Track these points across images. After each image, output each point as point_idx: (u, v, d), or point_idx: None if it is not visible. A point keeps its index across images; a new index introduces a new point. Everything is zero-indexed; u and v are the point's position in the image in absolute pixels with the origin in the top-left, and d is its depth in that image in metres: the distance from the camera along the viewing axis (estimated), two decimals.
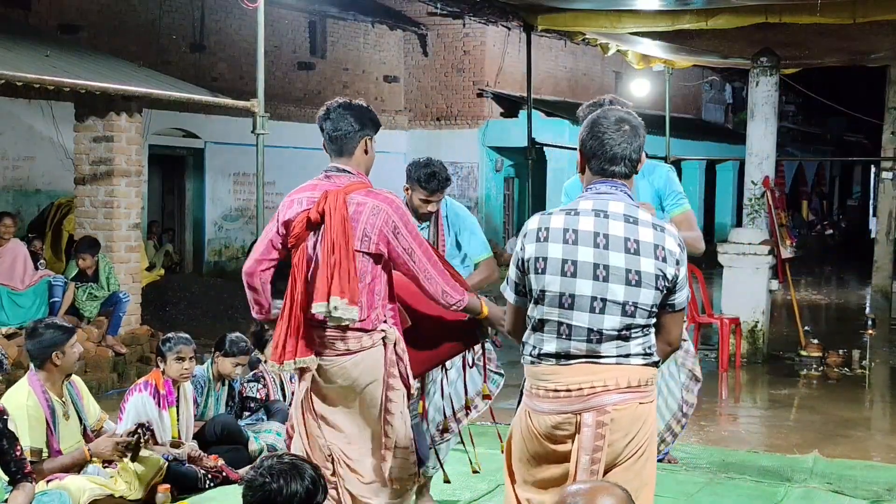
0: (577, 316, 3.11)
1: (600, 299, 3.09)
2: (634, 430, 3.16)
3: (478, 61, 20.34)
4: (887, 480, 6.07)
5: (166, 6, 15.30)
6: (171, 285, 13.68)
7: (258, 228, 9.35)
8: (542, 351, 3.18)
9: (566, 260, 3.12)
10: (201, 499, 5.51)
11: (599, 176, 3.23)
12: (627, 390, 3.14)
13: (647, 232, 3.13)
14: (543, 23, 11.34)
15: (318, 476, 3.00)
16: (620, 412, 3.13)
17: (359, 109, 3.95)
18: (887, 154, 15.70)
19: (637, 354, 3.16)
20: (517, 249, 3.26)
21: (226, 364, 6.24)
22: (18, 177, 13.14)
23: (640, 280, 3.10)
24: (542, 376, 3.19)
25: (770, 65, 11.09)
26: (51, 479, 4.91)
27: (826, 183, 37.38)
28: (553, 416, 3.16)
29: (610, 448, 3.14)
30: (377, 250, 3.74)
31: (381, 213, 3.74)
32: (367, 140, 3.92)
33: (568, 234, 3.13)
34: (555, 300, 3.13)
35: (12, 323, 8.72)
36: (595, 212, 3.15)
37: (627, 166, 3.23)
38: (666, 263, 3.12)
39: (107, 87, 8.90)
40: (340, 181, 3.85)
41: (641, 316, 3.13)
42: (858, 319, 14.20)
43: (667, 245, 3.14)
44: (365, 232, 3.73)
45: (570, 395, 3.14)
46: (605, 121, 3.23)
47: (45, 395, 5.04)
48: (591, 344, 3.12)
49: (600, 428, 3.11)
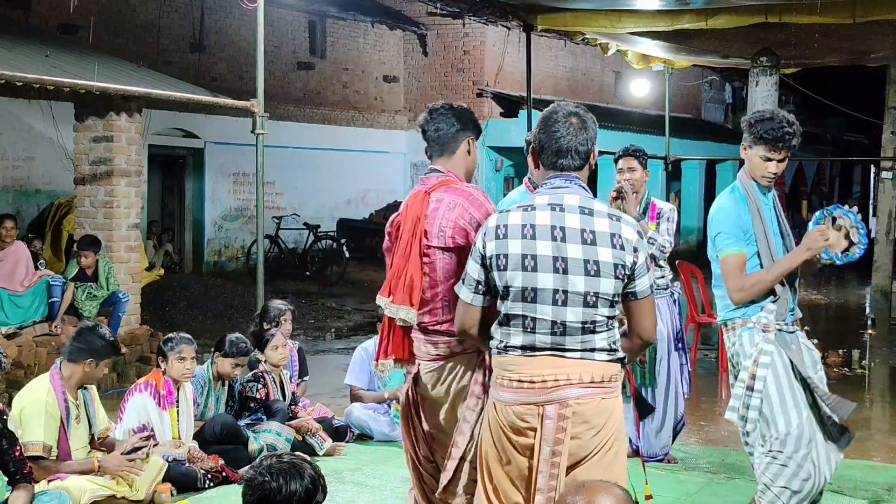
0: (540, 309, 3.17)
1: (562, 291, 3.16)
2: (599, 425, 3.20)
3: (478, 61, 20.35)
4: (887, 480, 6.07)
5: (166, 6, 15.31)
6: (170, 285, 13.69)
7: (258, 228, 9.35)
8: (509, 344, 3.24)
9: (526, 255, 3.18)
10: (201, 499, 5.51)
11: (552, 170, 3.30)
12: (591, 385, 3.19)
13: (602, 222, 3.18)
14: (543, 23, 11.33)
15: (317, 476, 2.99)
16: (583, 406, 3.18)
17: (461, 111, 3.92)
18: (887, 154, 15.70)
19: (602, 350, 3.21)
20: (478, 248, 3.31)
21: (225, 365, 6.25)
22: (18, 177, 13.15)
23: (599, 270, 3.15)
24: (507, 367, 3.25)
25: (770, 65, 11.09)
26: (51, 479, 4.93)
27: (826, 183, 37.39)
28: (516, 406, 3.22)
29: (574, 441, 3.18)
30: (454, 244, 3.70)
31: (457, 207, 3.72)
32: (470, 141, 3.89)
33: (526, 229, 3.20)
34: (518, 295, 3.20)
35: (12, 323, 8.72)
36: (551, 206, 3.21)
37: (577, 159, 3.28)
38: (624, 251, 3.17)
39: (107, 87, 8.90)
40: (430, 181, 3.84)
41: (604, 305, 3.17)
42: (858, 319, 14.20)
43: (623, 234, 3.19)
44: (441, 227, 3.72)
45: (533, 387, 3.20)
46: (556, 115, 3.31)
47: (63, 394, 5.08)
48: (556, 336, 3.18)
49: (562, 421, 3.16)
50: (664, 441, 6.32)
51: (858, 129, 33.26)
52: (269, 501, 2.91)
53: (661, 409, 6.24)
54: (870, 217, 32.44)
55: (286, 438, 6.27)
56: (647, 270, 3.23)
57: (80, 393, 5.24)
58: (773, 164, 4.32)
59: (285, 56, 17.81)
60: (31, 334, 8.73)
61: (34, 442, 4.89)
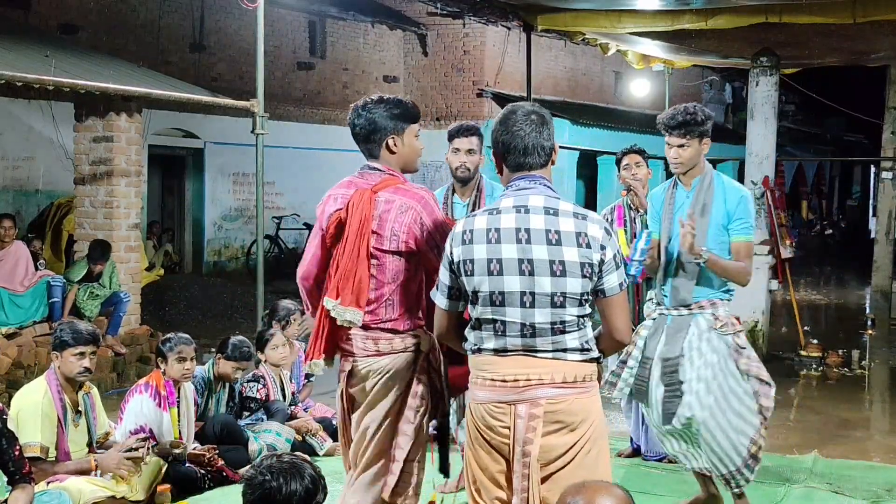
0: (509, 312, 3.18)
1: (529, 293, 3.16)
2: (572, 425, 3.20)
3: (478, 61, 20.34)
4: (887, 480, 6.06)
5: (166, 6, 15.30)
6: (170, 285, 13.68)
7: (258, 228, 9.35)
8: (482, 347, 3.26)
9: (491, 259, 3.19)
10: (201, 499, 5.51)
11: (517, 171, 3.29)
12: (563, 385, 3.19)
13: (567, 222, 3.18)
14: (543, 23, 11.33)
15: (317, 475, 2.99)
16: (555, 406, 3.18)
17: (377, 107, 3.75)
18: (887, 154, 15.70)
19: (574, 349, 3.20)
20: (447, 253, 3.31)
21: (226, 367, 6.24)
22: (18, 177, 13.14)
23: (565, 269, 3.15)
24: (482, 366, 3.26)
25: (770, 65, 11.09)
26: (51, 479, 4.92)
27: (826, 183, 37.37)
28: (490, 405, 3.23)
29: (546, 441, 3.17)
30: (407, 248, 3.68)
31: (410, 211, 3.67)
32: (393, 138, 3.75)
33: (490, 233, 3.20)
34: (486, 299, 3.20)
35: (12, 323, 8.72)
36: (516, 208, 3.21)
37: (542, 156, 3.29)
38: (590, 250, 3.16)
39: (107, 87, 8.91)
40: (371, 179, 3.76)
41: (572, 305, 3.17)
42: (858, 319, 14.20)
43: (589, 232, 3.18)
44: (393, 230, 3.67)
45: (505, 385, 3.20)
46: (515, 115, 3.31)
47: (60, 395, 5.06)
48: (526, 338, 3.18)
49: (532, 420, 3.17)
50: None
51: (858, 129, 33.23)
52: (269, 501, 2.91)
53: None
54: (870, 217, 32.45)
55: (286, 438, 6.27)
56: (616, 268, 3.21)
57: (81, 397, 5.22)
58: (672, 149, 4.86)
59: (285, 56, 17.80)
60: (31, 334, 8.73)
61: (31, 443, 4.88)
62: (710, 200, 4.82)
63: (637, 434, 6.38)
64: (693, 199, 4.85)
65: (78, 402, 5.19)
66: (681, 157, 4.84)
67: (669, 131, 4.84)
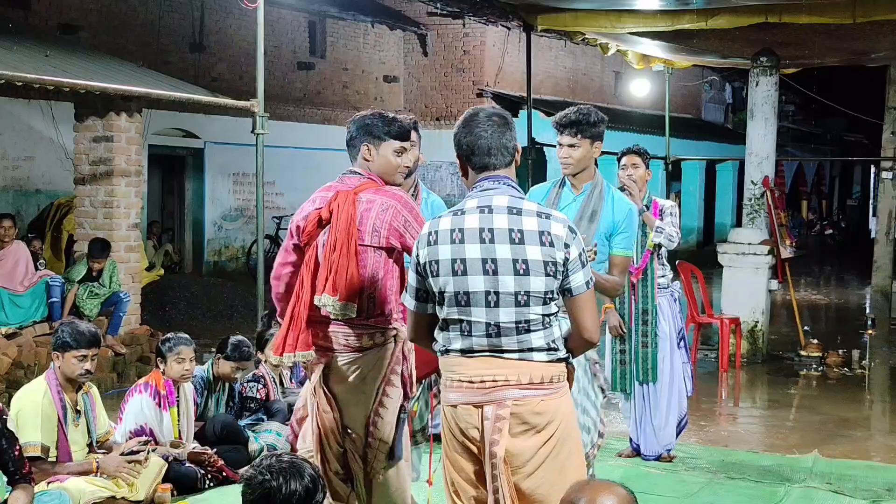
0: (474, 312, 3.20)
1: (493, 293, 3.18)
2: (539, 426, 3.20)
3: (477, 61, 20.34)
4: (887, 480, 6.07)
5: (166, 6, 15.30)
6: (170, 285, 13.66)
7: (258, 228, 9.35)
8: (450, 347, 3.28)
9: (455, 259, 3.21)
10: (201, 499, 5.52)
11: (481, 171, 3.31)
12: (529, 386, 3.20)
13: (531, 221, 3.19)
14: (543, 23, 11.32)
15: (317, 475, 2.99)
16: (521, 407, 3.19)
17: (359, 118, 4.05)
18: (887, 154, 15.70)
19: (540, 350, 3.21)
20: (414, 255, 3.34)
21: (226, 367, 6.25)
22: (18, 177, 13.14)
23: (528, 268, 3.16)
24: (450, 367, 3.28)
25: (770, 65, 11.09)
26: (51, 480, 4.92)
27: (826, 183, 37.40)
28: (459, 406, 3.25)
29: (513, 443, 3.18)
30: (388, 244, 3.82)
31: (391, 209, 3.82)
32: (367, 146, 3.97)
33: (454, 233, 3.22)
34: (452, 300, 3.22)
35: (12, 323, 8.72)
36: (480, 208, 3.23)
37: (505, 156, 3.31)
38: (554, 248, 3.17)
39: (107, 87, 8.90)
40: (351, 182, 3.94)
41: (536, 304, 3.17)
42: (858, 319, 14.19)
43: (553, 230, 3.19)
44: (374, 227, 3.81)
45: (472, 387, 3.22)
46: (477, 118, 3.34)
47: (59, 395, 5.06)
48: (492, 338, 3.20)
49: (499, 421, 3.18)
50: (667, 439, 6.35)
51: (858, 129, 33.26)
52: (269, 500, 2.91)
53: (663, 407, 6.28)
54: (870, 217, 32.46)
55: (286, 438, 6.27)
56: (581, 266, 3.21)
57: (80, 396, 5.22)
58: (563, 149, 4.77)
59: (285, 56, 17.80)
60: (31, 334, 8.72)
61: (32, 443, 4.89)
62: (600, 209, 4.74)
63: (637, 434, 6.40)
64: (583, 204, 4.76)
65: (77, 401, 5.19)
66: (571, 157, 4.75)
67: (561, 130, 4.75)
